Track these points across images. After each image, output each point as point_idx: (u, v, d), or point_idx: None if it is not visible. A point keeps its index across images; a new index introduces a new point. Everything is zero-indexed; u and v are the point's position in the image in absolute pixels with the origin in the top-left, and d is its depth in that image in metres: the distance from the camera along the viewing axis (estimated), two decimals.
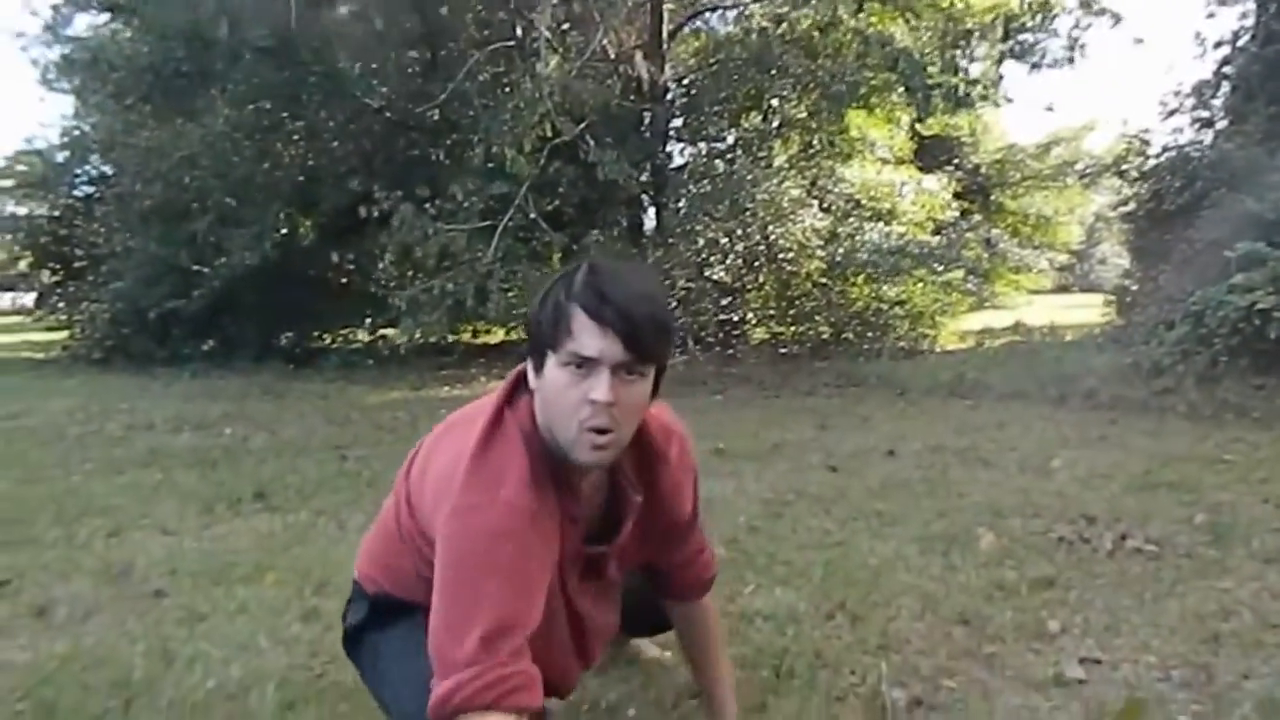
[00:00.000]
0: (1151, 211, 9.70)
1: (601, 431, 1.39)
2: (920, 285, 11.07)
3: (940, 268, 11.21)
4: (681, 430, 1.70)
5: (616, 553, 1.62)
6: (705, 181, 10.87)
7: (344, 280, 11.96)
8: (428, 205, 9.35)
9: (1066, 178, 18.98)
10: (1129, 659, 2.35)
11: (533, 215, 9.48)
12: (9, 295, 14.09)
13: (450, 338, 11.52)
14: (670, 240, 10.54)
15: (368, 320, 11.53)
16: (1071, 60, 13.57)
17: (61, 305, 12.22)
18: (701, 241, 10.74)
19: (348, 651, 1.77)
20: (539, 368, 1.43)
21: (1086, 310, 12.70)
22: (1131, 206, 10.55)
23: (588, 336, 1.36)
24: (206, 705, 2.12)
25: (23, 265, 13.89)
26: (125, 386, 8.51)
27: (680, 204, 10.83)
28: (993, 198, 18.96)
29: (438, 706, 1.31)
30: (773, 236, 11.03)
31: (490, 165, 9.21)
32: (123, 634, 2.50)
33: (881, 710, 2.09)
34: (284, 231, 10.53)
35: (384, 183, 9.43)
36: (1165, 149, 10.06)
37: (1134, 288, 10.28)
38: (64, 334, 11.65)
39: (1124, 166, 10.97)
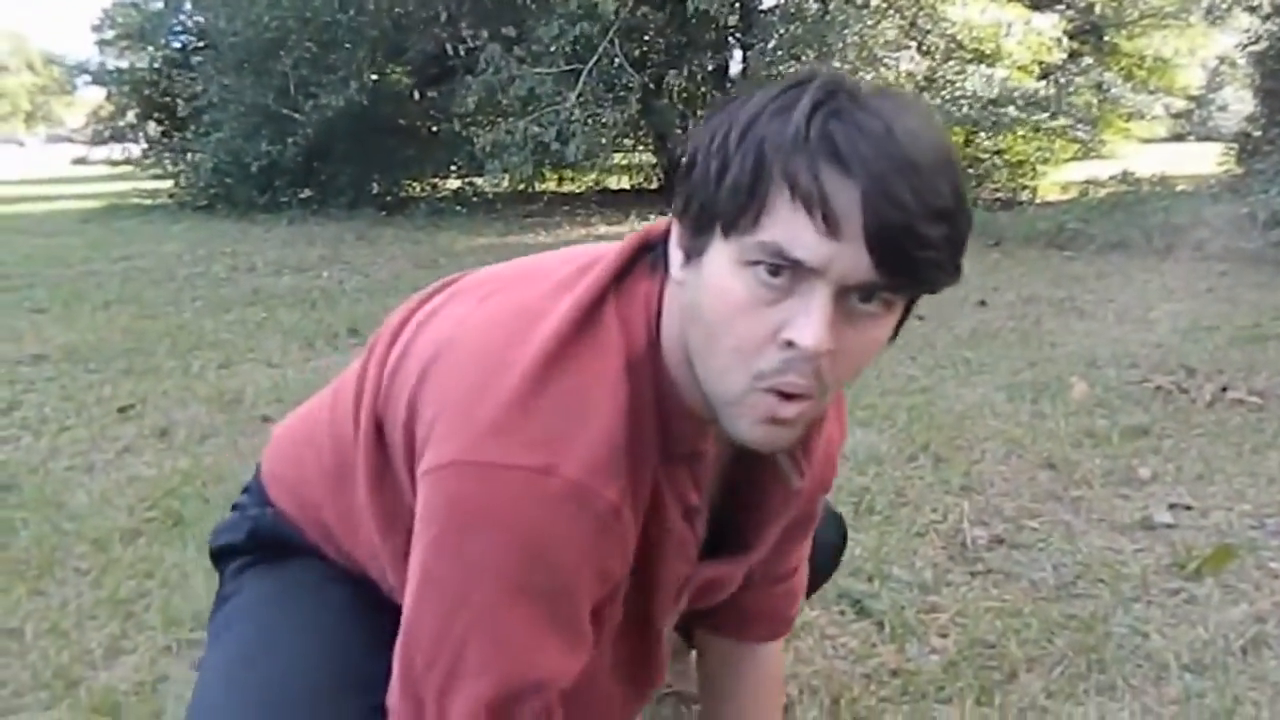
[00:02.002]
0: None
1: (792, 397, 0.73)
2: (1022, 134, 10.51)
3: (1046, 114, 10.60)
4: None
5: (739, 572, 0.98)
6: (796, 24, 10.36)
7: (433, 128, 11.94)
8: (515, 47, 9.19)
9: (1190, 15, 17.50)
10: (1221, 506, 2.32)
11: (618, 60, 9.24)
12: (119, 146, 14.36)
13: (536, 186, 11.51)
14: (756, 84, 10.15)
15: (453, 167, 11.54)
16: None
17: (167, 156, 12.51)
18: None
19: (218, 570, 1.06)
20: (694, 252, 0.74)
21: (1202, 159, 11.95)
22: (1263, 45, 9.73)
23: (803, 229, 0.68)
24: None
25: (130, 116, 14.14)
26: (228, 231, 8.77)
27: (770, 44, 10.38)
28: (1106, 38, 17.64)
29: None
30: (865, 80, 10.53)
31: (577, 8, 8.95)
32: (236, 454, 2.66)
33: (961, 546, 2.12)
34: (372, 77, 10.49)
35: (470, 24, 9.28)
36: None
37: (1256, 134, 9.62)
38: (169, 182, 11.99)
39: (1256, 1, 10.06)
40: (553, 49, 9.20)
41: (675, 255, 0.78)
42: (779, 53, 10.15)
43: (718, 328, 0.73)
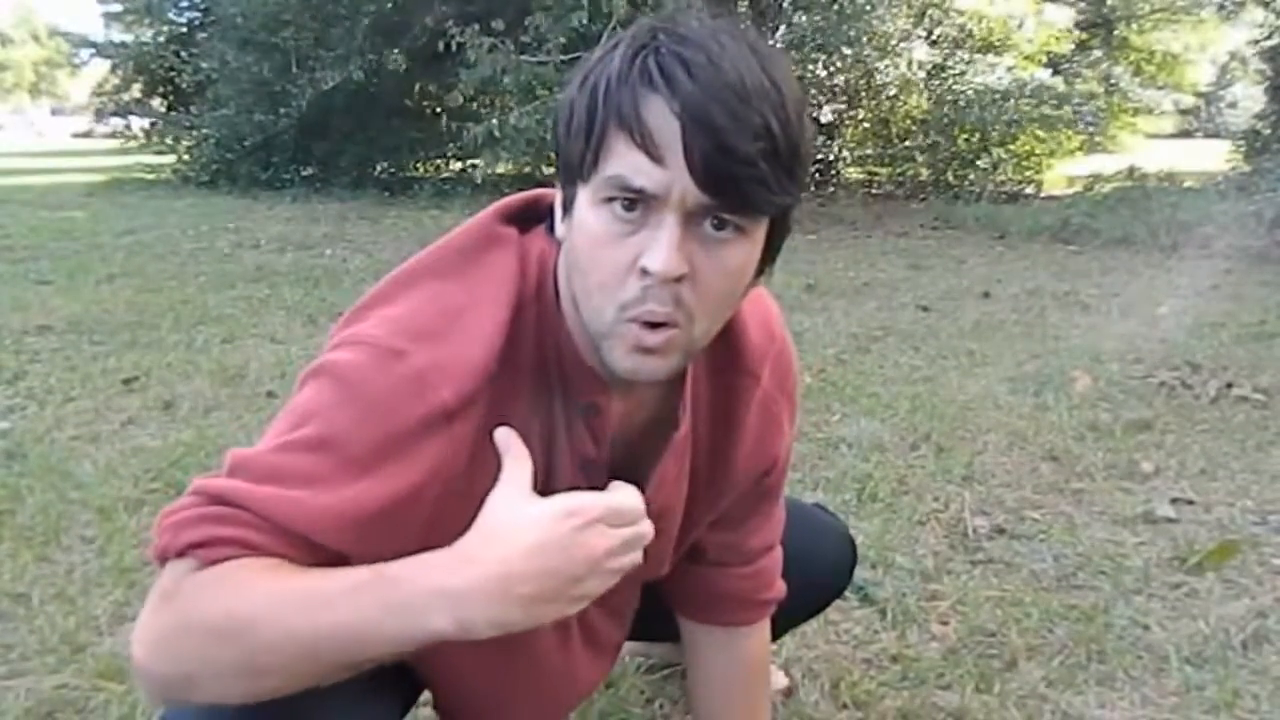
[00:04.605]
0: None
1: (655, 326, 0.76)
2: (1030, 118, 10.48)
3: (1054, 103, 10.57)
4: (785, 338, 1.01)
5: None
6: (803, 14, 10.30)
7: (435, 110, 11.88)
8: (505, 41, 9.09)
9: (1202, 9, 17.42)
10: (1224, 502, 2.33)
11: None
12: (122, 121, 14.30)
13: (541, 170, 11.47)
14: None
15: (452, 147, 11.50)
16: None
17: (171, 131, 12.48)
18: (800, 75, 10.29)
19: None
20: (567, 205, 0.80)
21: (1209, 156, 11.93)
22: (1275, 41, 9.71)
23: (639, 159, 0.72)
24: None
25: (135, 91, 14.10)
26: (231, 208, 8.76)
27: (780, 33, 10.32)
28: (1116, 32, 17.58)
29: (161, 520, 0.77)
30: (876, 71, 10.49)
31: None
32: (241, 427, 2.67)
33: (963, 536, 2.13)
34: (371, 56, 10.44)
35: (465, 13, 9.17)
36: None
37: (1266, 132, 9.60)
38: (173, 157, 11.95)
39: None
40: (549, 39, 9.11)
41: (558, 214, 0.83)
42: (790, 40, 10.11)
43: (586, 265, 0.77)
